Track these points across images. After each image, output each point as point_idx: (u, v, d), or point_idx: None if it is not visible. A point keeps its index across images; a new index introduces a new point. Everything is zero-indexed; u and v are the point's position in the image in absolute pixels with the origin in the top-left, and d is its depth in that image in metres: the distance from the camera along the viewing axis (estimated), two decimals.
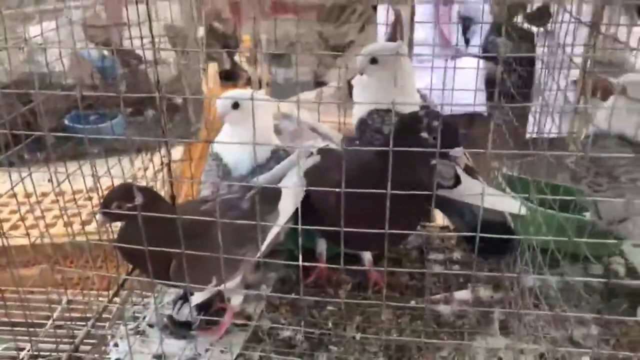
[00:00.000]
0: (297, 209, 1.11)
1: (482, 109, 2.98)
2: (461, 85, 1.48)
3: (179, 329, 1.16)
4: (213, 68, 3.11)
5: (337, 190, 0.87)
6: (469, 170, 1.33)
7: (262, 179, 1.19)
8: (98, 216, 1.01)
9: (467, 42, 3.76)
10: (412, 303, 1.30)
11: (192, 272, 0.98)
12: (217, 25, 3.63)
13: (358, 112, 1.40)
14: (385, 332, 1.21)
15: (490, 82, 3.28)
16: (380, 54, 1.31)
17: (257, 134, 0.86)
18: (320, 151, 1.26)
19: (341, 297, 1.31)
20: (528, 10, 3.79)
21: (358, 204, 0.95)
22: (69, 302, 1.32)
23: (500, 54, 1.29)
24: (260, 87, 3.66)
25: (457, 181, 1.26)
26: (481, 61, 3.23)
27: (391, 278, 1.36)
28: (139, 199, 0.99)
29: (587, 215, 1.38)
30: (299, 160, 1.22)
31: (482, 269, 1.35)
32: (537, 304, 1.29)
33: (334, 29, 5.48)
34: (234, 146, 1.30)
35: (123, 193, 1.00)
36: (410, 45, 1.90)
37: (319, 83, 4.93)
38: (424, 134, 1.00)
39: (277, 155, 1.31)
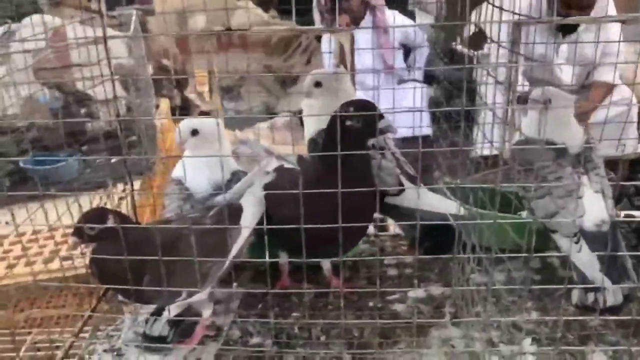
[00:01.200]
0: (257, 223, 1.21)
1: (428, 131, 3.15)
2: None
3: (153, 343, 1.22)
4: (165, 104, 3.19)
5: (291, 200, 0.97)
6: (412, 179, 1.46)
7: (223, 198, 1.28)
8: (71, 238, 1.08)
9: (408, 67, 3.94)
10: (370, 304, 1.40)
11: (164, 285, 1.05)
12: (166, 62, 3.72)
13: (307, 133, 1.52)
14: (347, 332, 1.30)
15: (434, 105, 3.46)
16: (323, 78, 1.44)
17: (218, 158, 0.96)
18: (276, 170, 1.36)
19: (305, 303, 1.40)
20: (465, 35, 4.04)
21: (310, 213, 1.06)
22: (34, 342, 1.34)
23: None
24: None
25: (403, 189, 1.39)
26: (425, 86, 3.42)
27: (350, 283, 1.46)
28: (110, 221, 1.06)
29: (524, 215, 1.51)
30: (257, 178, 1.31)
31: (433, 268, 1.47)
32: (485, 297, 1.42)
33: (282, 62, 5.65)
34: (194, 170, 1.39)
35: (96, 215, 1.07)
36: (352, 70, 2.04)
37: (272, 114, 5.06)
38: (349, 122, 1.13)
39: (237, 177, 1.40)
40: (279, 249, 1.41)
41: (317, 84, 1.45)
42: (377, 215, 1.54)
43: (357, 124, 1.14)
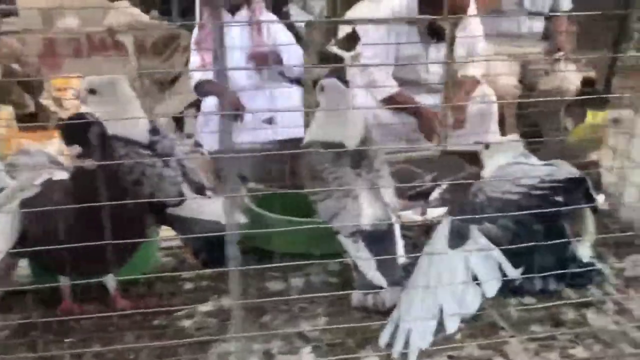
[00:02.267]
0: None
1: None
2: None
3: None
4: (7, 112, 2.97)
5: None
6: (199, 188, 1.40)
7: None
8: None
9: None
10: (156, 322, 1.33)
11: None
12: (16, 67, 3.47)
13: None
14: (121, 355, 1.22)
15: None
16: (98, 84, 1.35)
17: None
18: (43, 184, 1.27)
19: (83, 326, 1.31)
20: (338, 37, 4.05)
21: (68, 229, 0.99)
22: None
23: None
24: None
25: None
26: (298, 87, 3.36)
27: (140, 301, 1.39)
28: None
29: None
30: (15, 193, 1.21)
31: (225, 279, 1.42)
32: (276, 306, 1.38)
33: (160, 63, 5.45)
34: None
35: None
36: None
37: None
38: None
39: None
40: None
41: (92, 91, 1.36)
42: None
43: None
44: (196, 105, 3.17)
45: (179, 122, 3.85)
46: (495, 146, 1.62)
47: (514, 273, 1.27)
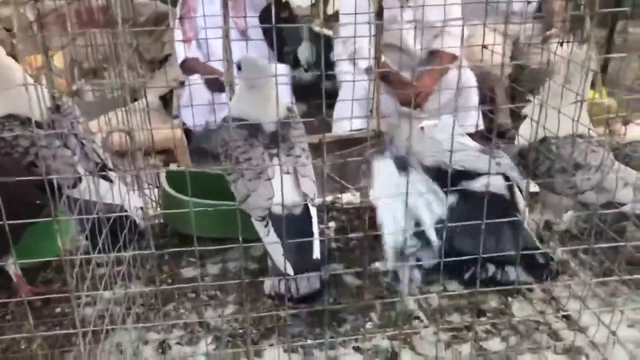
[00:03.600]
0: None
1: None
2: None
3: None
4: None
5: None
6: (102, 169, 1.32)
7: None
8: None
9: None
10: (58, 310, 1.26)
11: None
12: None
13: None
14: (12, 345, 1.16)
15: (298, 88, 3.31)
16: None
17: None
18: None
19: None
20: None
21: None
22: None
23: None
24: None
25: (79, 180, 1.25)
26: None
27: (43, 287, 1.33)
28: None
29: None
30: None
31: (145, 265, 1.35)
32: (185, 293, 1.31)
33: (150, 42, 5.36)
34: None
35: None
36: None
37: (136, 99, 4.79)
38: None
39: None
40: None
41: None
42: None
43: None
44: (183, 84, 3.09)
45: (166, 101, 3.79)
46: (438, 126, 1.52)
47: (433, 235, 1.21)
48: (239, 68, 1.33)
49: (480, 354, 1.08)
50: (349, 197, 1.66)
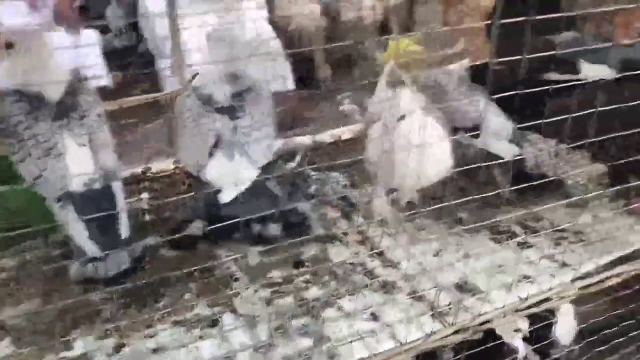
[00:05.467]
0: None
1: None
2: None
3: None
4: None
5: None
6: None
7: None
8: None
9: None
10: None
11: None
12: None
13: None
14: None
15: (110, 54, 3.06)
16: None
17: None
18: None
19: None
20: None
21: None
22: None
23: None
24: None
25: None
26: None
27: None
28: None
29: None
30: None
31: None
32: None
33: None
34: None
35: None
36: None
37: None
38: None
39: None
40: None
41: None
42: None
43: None
44: None
45: None
46: None
47: None
48: None
49: (302, 304, 1.08)
50: (161, 166, 1.56)
